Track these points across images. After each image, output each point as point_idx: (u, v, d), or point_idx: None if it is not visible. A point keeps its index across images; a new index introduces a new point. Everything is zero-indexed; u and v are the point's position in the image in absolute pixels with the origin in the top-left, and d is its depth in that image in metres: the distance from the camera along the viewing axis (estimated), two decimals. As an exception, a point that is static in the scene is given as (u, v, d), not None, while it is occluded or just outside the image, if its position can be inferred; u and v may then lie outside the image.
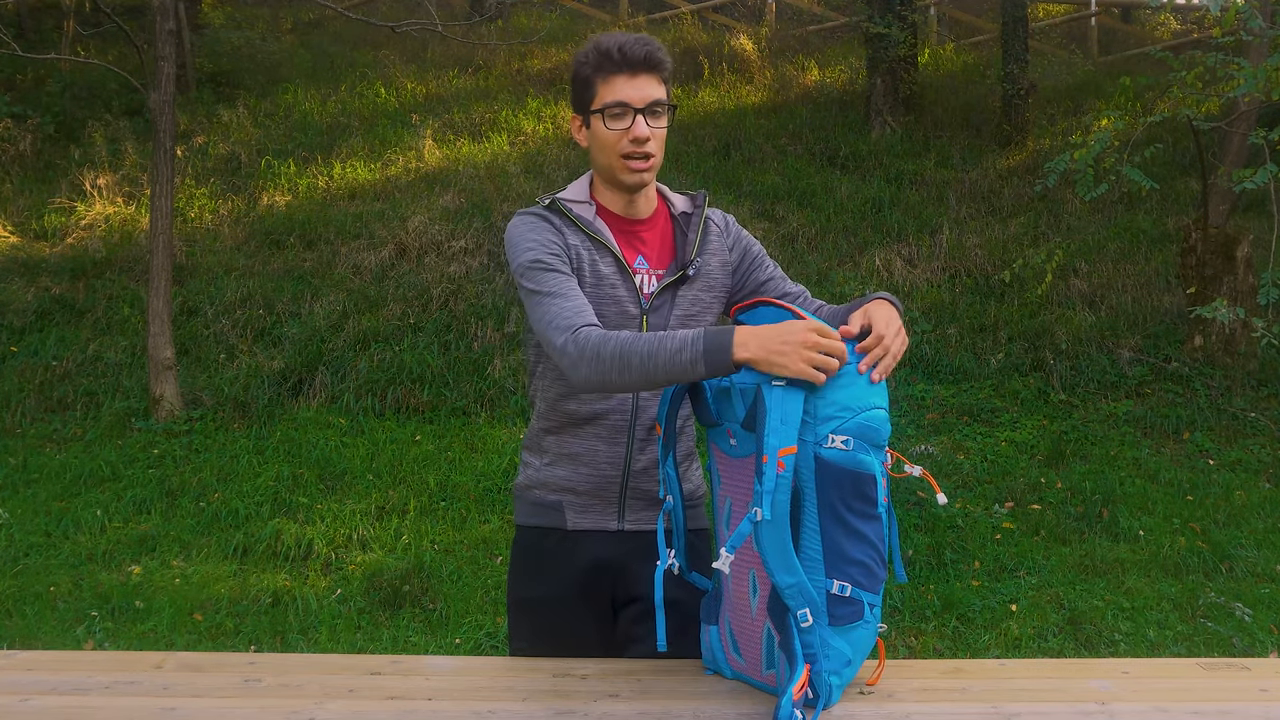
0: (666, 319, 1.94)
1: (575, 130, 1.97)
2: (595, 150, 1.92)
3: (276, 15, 13.86)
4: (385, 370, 6.97)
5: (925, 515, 5.45)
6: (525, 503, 2.02)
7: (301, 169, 9.62)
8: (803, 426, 1.60)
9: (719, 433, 1.73)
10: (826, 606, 1.63)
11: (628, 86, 1.86)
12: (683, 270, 1.95)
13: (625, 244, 1.95)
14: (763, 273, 2.05)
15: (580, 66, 1.90)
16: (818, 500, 1.62)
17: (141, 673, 1.78)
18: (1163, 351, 7.33)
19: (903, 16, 10.39)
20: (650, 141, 1.88)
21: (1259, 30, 5.93)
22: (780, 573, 1.60)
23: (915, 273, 8.30)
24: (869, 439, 1.62)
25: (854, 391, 1.62)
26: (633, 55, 1.86)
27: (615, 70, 1.86)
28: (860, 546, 1.63)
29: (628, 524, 1.98)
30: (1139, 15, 15.30)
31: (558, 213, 1.94)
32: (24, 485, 5.77)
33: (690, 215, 2.02)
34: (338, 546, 5.16)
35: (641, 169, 1.90)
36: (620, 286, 1.91)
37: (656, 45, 1.89)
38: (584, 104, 1.91)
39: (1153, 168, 7.23)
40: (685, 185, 9.29)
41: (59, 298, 7.69)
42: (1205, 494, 5.79)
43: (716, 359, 1.63)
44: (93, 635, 4.33)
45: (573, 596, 1.96)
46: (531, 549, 2.00)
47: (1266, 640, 4.36)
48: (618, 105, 1.86)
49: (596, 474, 1.95)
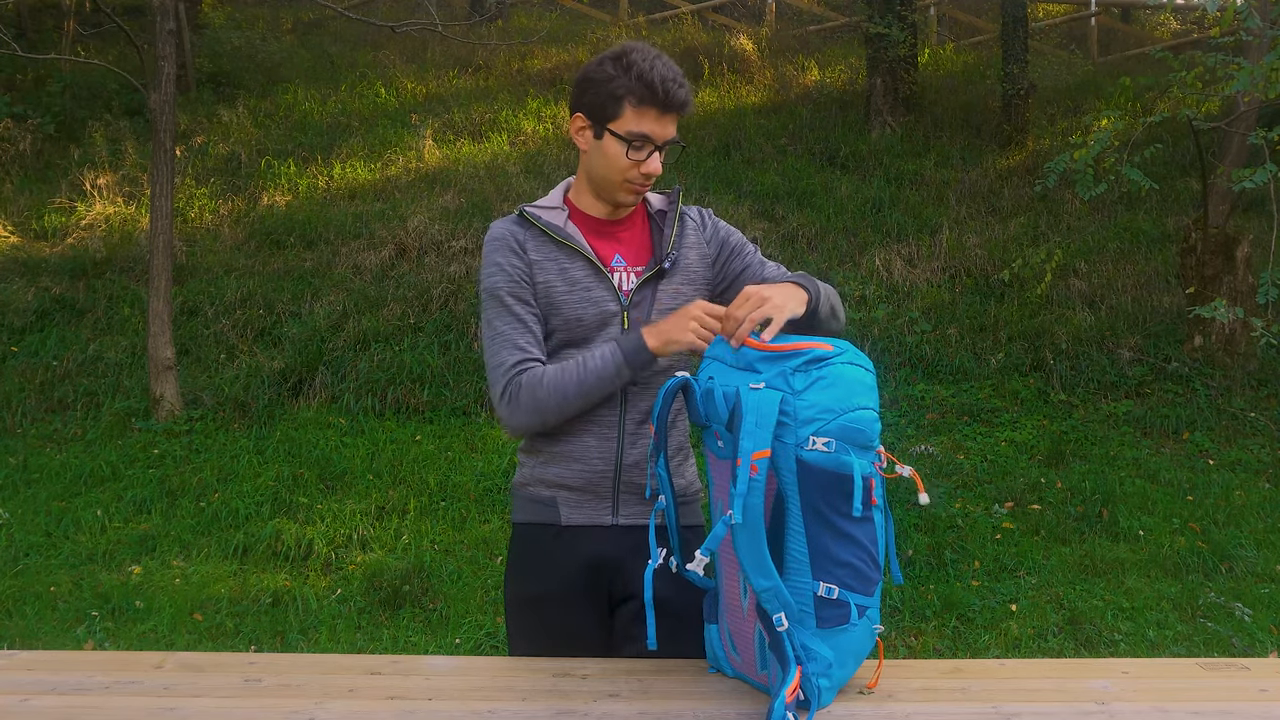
0: (648, 314, 1.97)
1: (576, 131, 1.95)
2: (599, 163, 1.93)
3: (276, 15, 13.86)
4: (385, 370, 6.97)
5: (925, 515, 5.45)
6: (521, 500, 2.04)
7: (301, 169, 9.62)
8: (783, 429, 1.59)
9: (709, 434, 1.73)
10: (814, 609, 1.62)
11: (657, 124, 1.88)
12: (660, 265, 1.98)
13: (601, 243, 1.98)
14: (741, 261, 2.08)
15: (611, 80, 1.87)
16: (801, 502, 1.60)
17: (141, 673, 1.78)
18: (1163, 351, 7.33)
19: (903, 16, 10.40)
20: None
21: (1257, 29, 5.93)
22: (755, 576, 1.59)
23: (915, 273, 8.30)
24: (854, 440, 1.60)
25: (836, 393, 1.61)
26: (675, 99, 1.87)
27: (652, 104, 1.87)
28: (848, 548, 1.62)
29: (622, 518, 1.99)
30: (1139, 15, 15.30)
31: (526, 223, 1.97)
32: (24, 485, 5.77)
33: (666, 212, 2.05)
34: (338, 546, 5.16)
35: (641, 193, 1.96)
36: (597, 287, 1.94)
37: (689, 89, 1.91)
38: (602, 117, 1.90)
39: (1153, 168, 7.23)
40: (686, 185, 9.29)
41: (59, 298, 7.69)
42: (1205, 494, 5.79)
43: (637, 358, 1.86)
44: (93, 635, 4.33)
45: (572, 593, 1.97)
46: (528, 546, 2.01)
47: (1266, 640, 4.36)
48: (642, 138, 1.88)
49: (589, 470, 1.97)
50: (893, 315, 7.71)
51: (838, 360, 1.64)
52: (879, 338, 7.45)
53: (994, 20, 13.07)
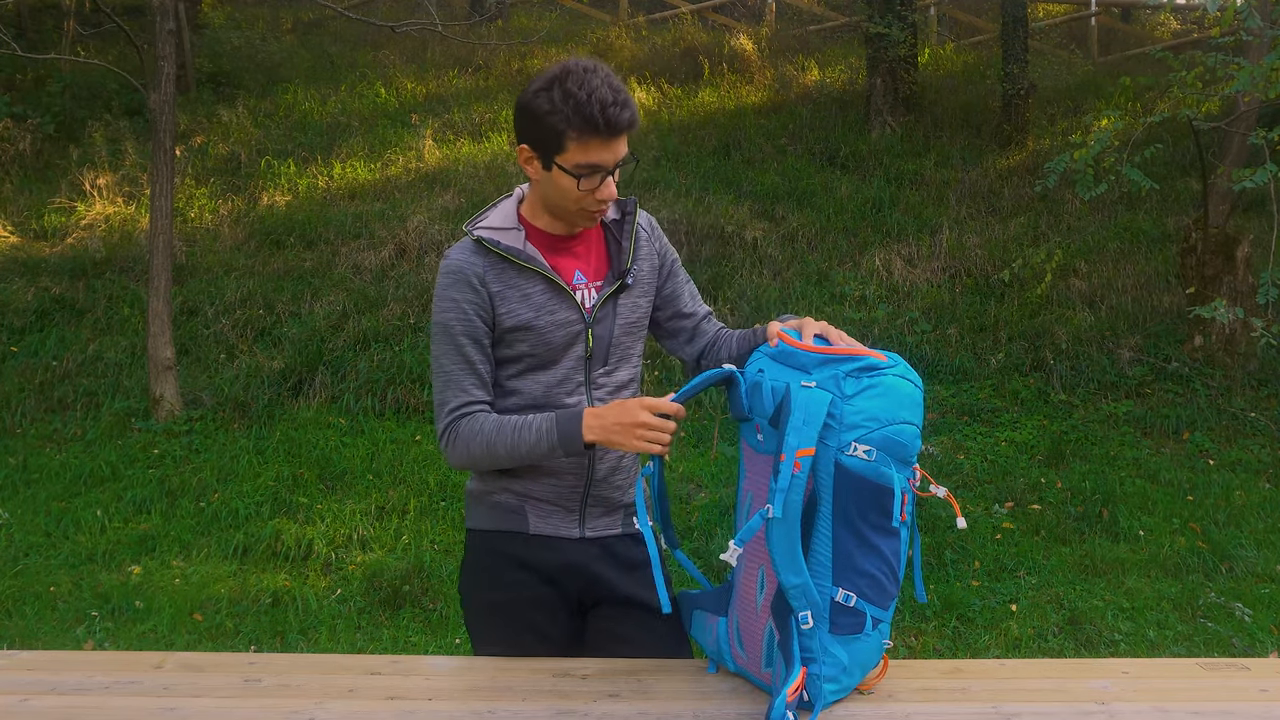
0: (611, 329, 1.96)
1: (525, 161, 1.86)
2: (552, 193, 1.87)
3: (276, 15, 13.87)
4: (385, 370, 6.97)
5: (925, 515, 5.45)
6: (484, 506, 2.01)
7: (301, 169, 9.62)
8: (827, 431, 1.59)
9: (749, 427, 1.73)
10: (829, 614, 1.62)
11: (605, 150, 1.79)
12: (621, 280, 1.96)
13: (561, 260, 1.95)
14: (673, 283, 2.08)
15: (550, 114, 1.77)
16: (833, 507, 1.61)
17: (141, 673, 1.78)
18: (1163, 351, 7.33)
19: (903, 16, 10.39)
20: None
21: (1257, 29, 5.93)
22: (786, 572, 1.59)
23: (915, 273, 8.30)
24: (894, 453, 1.61)
25: (884, 403, 1.61)
26: (617, 123, 1.77)
27: (594, 134, 1.77)
28: (871, 559, 1.63)
29: (588, 531, 1.99)
30: (1139, 15, 15.30)
31: (484, 251, 1.89)
32: (24, 485, 5.77)
33: (621, 223, 2.01)
34: (338, 546, 5.16)
35: (600, 216, 1.91)
36: (561, 309, 1.91)
37: (633, 104, 1.80)
38: (547, 150, 1.81)
39: (1153, 168, 7.23)
40: (686, 185, 9.30)
41: (59, 298, 7.69)
42: (1205, 494, 5.79)
43: (570, 445, 1.82)
44: (93, 635, 4.33)
45: (540, 597, 1.97)
46: (493, 553, 1.99)
47: (1266, 640, 4.36)
48: (591, 169, 1.80)
49: (559, 484, 1.96)
50: (893, 315, 7.71)
51: (890, 372, 1.64)
52: (879, 338, 7.45)
53: (994, 20, 13.07)
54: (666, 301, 2.07)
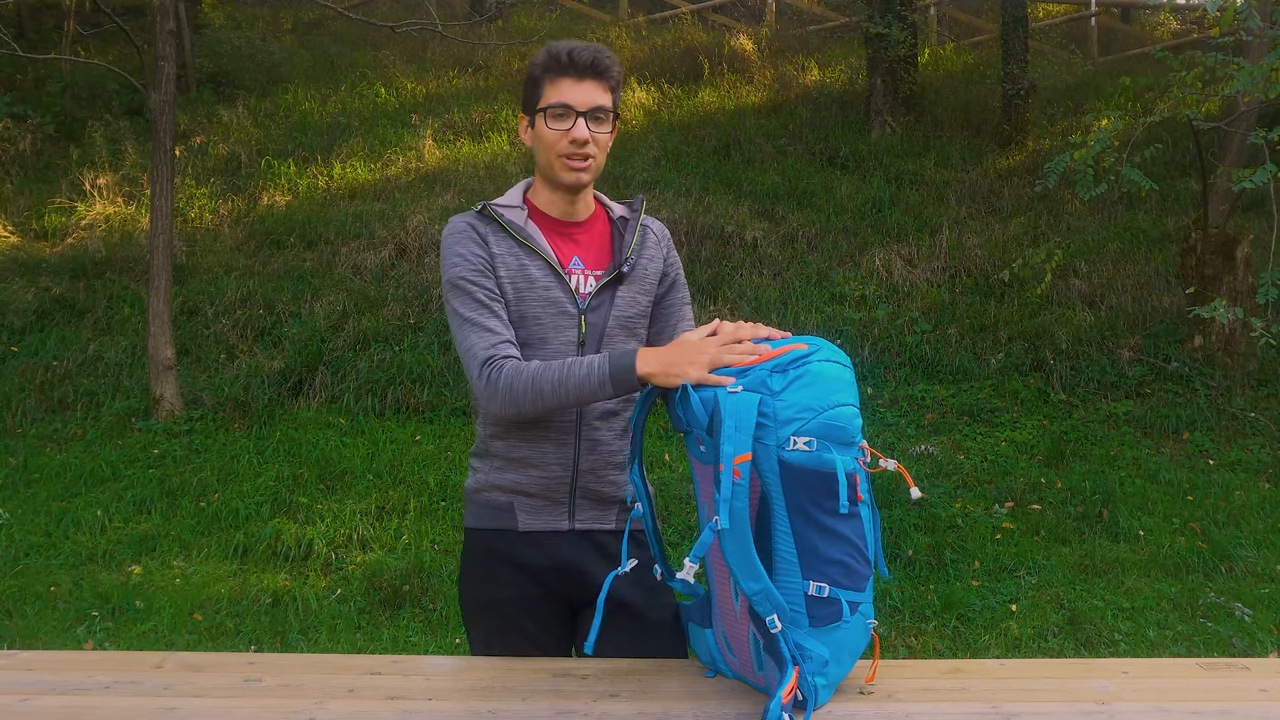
0: (605, 318, 1.97)
1: (522, 131, 2.02)
2: (537, 149, 1.97)
3: (276, 15, 13.87)
4: (385, 370, 6.97)
5: (925, 515, 5.45)
6: (476, 505, 2.03)
7: (301, 169, 9.63)
8: (763, 430, 1.58)
9: (690, 439, 1.73)
10: (805, 608, 1.62)
11: (573, 90, 1.92)
12: (619, 270, 1.98)
13: (560, 245, 1.99)
14: (674, 296, 2.09)
15: (531, 68, 1.97)
16: (786, 503, 1.60)
17: (141, 673, 1.78)
18: (1163, 351, 7.33)
19: (903, 16, 10.40)
20: (590, 144, 1.92)
21: (1257, 29, 5.93)
22: (745, 580, 1.59)
23: (915, 273, 8.30)
24: (835, 437, 1.60)
25: (815, 391, 1.60)
26: (580, 60, 1.92)
27: (562, 73, 1.92)
28: (837, 546, 1.62)
29: (578, 524, 1.99)
30: (1139, 15, 15.31)
31: (487, 219, 1.98)
32: (24, 485, 5.77)
33: (628, 220, 2.06)
34: (338, 546, 5.16)
35: (579, 168, 1.94)
36: (555, 288, 1.94)
37: (606, 53, 1.95)
38: (531, 104, 1.97)
39: (1153, 168, 7.23)
40: (686, 185, 9.30)
41: (59, 298, 7.69)
42: (1205, 494, 5.79)
43: (622, 377, 1.77)
44: (93, 635, 4.33)
45: (532, 597, 1.97)
46: (485, 551, 2.01)
47: (1266, 640, 4.36)
48: (561, 106, 1.91)
49: (546, 475, 1.97)
50: (893, 315, 7.71)
51: (814, 358, 1.63)
52: (879, 338, 7.45)
53: (994, 20, 13.08)
54: (659, 313, 2.08)
